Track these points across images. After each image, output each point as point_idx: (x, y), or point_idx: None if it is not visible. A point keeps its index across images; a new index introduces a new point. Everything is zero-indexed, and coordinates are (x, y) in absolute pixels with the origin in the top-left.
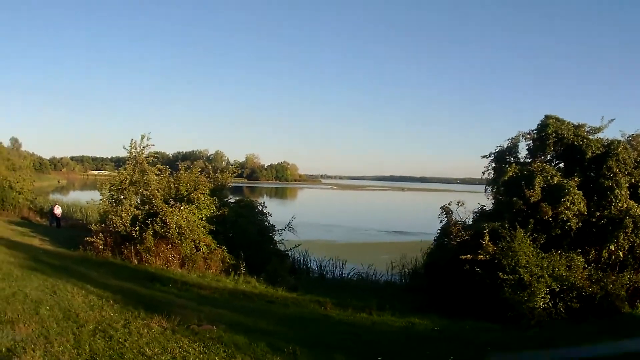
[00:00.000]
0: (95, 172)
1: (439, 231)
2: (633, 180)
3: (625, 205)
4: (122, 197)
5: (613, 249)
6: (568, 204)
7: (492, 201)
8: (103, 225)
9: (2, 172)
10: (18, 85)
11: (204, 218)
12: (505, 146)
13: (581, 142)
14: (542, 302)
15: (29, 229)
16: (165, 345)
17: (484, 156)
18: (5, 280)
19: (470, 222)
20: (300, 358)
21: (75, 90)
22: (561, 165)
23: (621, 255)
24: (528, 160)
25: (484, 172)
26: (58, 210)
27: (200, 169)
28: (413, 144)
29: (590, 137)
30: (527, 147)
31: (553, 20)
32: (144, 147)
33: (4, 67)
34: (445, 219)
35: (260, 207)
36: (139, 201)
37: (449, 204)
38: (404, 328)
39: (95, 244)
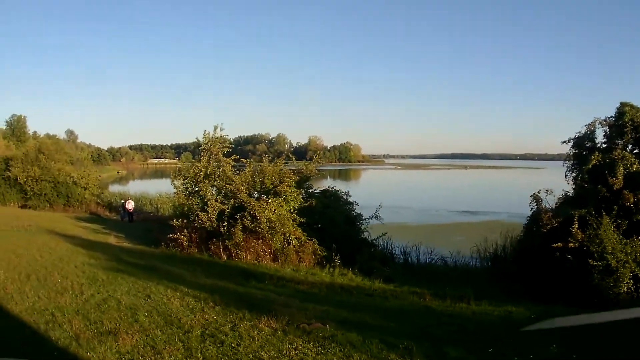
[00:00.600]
0: (155, 161)
1: (528, 218)
2: None
3: None
4: (197, 189)
5: None
6: None
7: (573, 187)
8: (185, 221)
9: (65, 168)
10: (71, 76)
11: (292, 210)
12: (582, 132)
13: None
14: (625, 287)
15: (100, 225)
16: (280, 348)
17: (564, 142)
18: (93, 286)
19: (554, 208)
20: (415, 354)
21: (128, 77)
22: (636, 151)
23: None
24: (604, 146)
25: (565, 159)
26: (130, 205)
27: (284, 160)
28: (474, 121)
29: None
30: (603, 134)
31: None
32: (217, 137)
33: (56, 59)
34: (536, 206)
35: (345, 197)
36: (213, 192)
37: (539, 192)
38: (503, 317)
39: (180, 240)
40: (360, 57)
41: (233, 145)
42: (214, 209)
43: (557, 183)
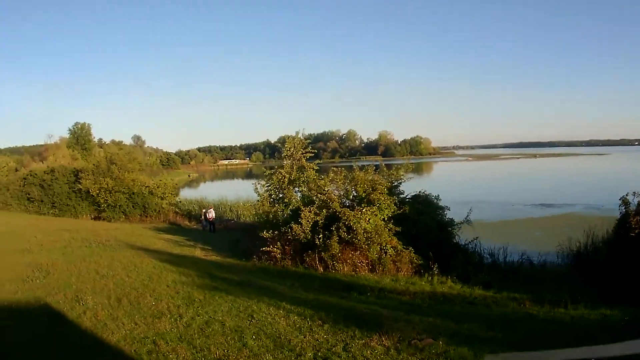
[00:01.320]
0: (226, 162)
1: (617, 221)
2: None
3: None
4: (281, 195)
5: None
6: None
7: None
8: (277, 232)
9: (139, 178)
10: (136, 81)
11: (386, 219)
12: None
13: None
14: None
15: (182, 236)
16: None
17: None
18: (190, 307)
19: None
20: None
21: (193, 79)
22: None
23: None
24: None
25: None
26: (211, 214)
27: (374, 168)
28: (540, 108)
29: None
30: None
31: None
32: (299, 143)
33: (122, 65)
34: (624, 209)
35: (436, 201)
36: (298, 197)
37: (627, 195)
38: (600, 321)
39: (273, 253)
40: (424, 50)
41: (315, 151)
42: (308, 221)
43: (625, 166)
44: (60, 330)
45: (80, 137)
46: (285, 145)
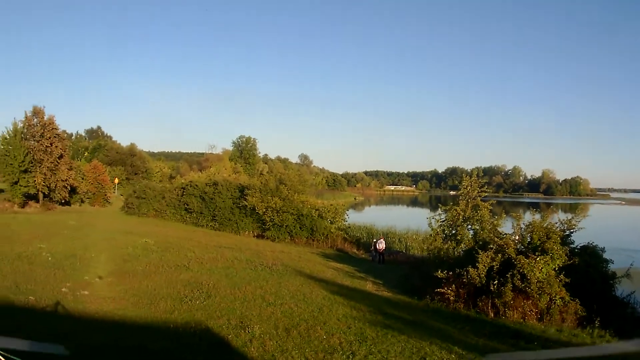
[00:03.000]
0: (392, 188)
1: None
2: None
3: None
4: (454, 232)
5: None
6: None
7: None
8: (451, 273)
9: (309, 201)
10: (305, 101)
11: (556, 269)
12: None
13: None
14: None
15: (351, 266)
16: None
17: None
18: (363, 345)
19: None
20: None
21: (362, 103)
22: None
23: None
24: None
25: None
26: (381, 245)
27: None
28: None
29: None
30: None
31: None
32: (476, 181)
33: (290, 83)
34: None
35: (602, 253)
36: (470, 236)
37: None
38: None
39: (446, 295)
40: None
41: (488, 191)
42: (484, 265)
43: None
44: (223, 359)
45: (244, 150)
46: (462, 184)
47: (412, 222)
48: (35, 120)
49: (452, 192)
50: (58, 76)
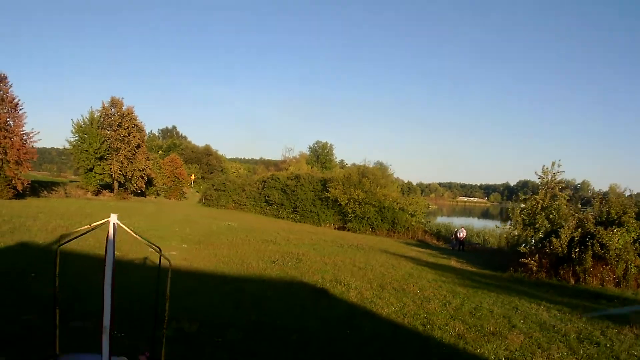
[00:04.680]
0: (465, 199)
1: None
2: None
3: None
4: (533, 221)
5: None
6: None
7: None
8: (533, 248)
9: (391, 194)
10: (382, 110)
11: (633, 241)
12: None
13: None
14: None
15: (434, 250)
16: None
17: None
18: (456, 297)
19: None
20: None
21: (438, 115)
22: None
23: None
24: None
25: None
26: (462, 234)
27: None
28: None
29: None
30: None
31: None
32: (555, 173)
33: (367, 93)
34: None
35: None
36: (547, 225)
37: None
38: None
39: (529, 265)
40: None
41: (566, 183)
42: (566, 236)
43: None
44: (326, 303)
45: (321, 155)
46: (542, 173)
47: (489, 224)
48: (113, 110)
49: (522, 205)
50: (139, 77)
